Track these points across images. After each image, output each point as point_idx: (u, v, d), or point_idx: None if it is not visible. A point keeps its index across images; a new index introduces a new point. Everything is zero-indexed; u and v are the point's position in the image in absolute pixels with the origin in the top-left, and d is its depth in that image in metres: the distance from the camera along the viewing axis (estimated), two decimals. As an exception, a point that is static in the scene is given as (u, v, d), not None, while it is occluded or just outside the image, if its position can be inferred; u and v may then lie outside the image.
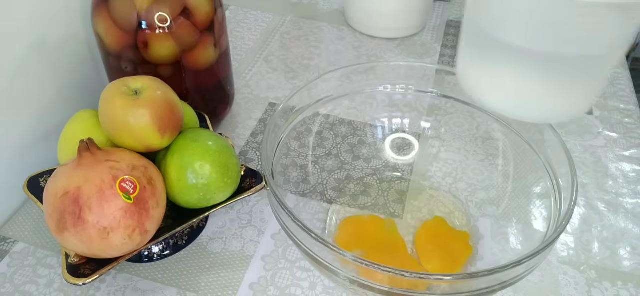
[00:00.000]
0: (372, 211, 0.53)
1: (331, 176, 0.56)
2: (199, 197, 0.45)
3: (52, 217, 0.39)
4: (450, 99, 0.56)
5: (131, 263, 0.48)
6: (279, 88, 0.69)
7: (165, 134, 0.44)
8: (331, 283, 0.47)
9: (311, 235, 0.38)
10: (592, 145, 0.62)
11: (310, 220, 0.52)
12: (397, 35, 0.79)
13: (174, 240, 0.49)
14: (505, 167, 0.55)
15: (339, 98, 0.56)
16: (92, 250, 0.39)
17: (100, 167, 0.39)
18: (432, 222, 0.52)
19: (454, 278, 0.40)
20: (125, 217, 0.39)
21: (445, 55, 0.76)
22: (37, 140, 0.54)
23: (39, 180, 0.48)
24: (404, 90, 0.57)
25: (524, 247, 0.49)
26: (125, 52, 0.51)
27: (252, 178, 0.48)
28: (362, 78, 0.56)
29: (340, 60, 0.75)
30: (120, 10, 0.49)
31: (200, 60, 0.54)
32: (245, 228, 0.52)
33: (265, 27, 0.81)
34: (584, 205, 0.55)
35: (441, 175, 0.57)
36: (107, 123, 0.43)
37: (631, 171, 0.58)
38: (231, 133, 0.62)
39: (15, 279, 0.47)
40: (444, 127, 0.58)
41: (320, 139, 0.58)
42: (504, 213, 0.52)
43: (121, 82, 0.43)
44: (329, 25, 0.82)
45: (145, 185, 0.41)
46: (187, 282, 0.47)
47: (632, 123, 0.65)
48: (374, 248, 0.49)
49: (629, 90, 0.70)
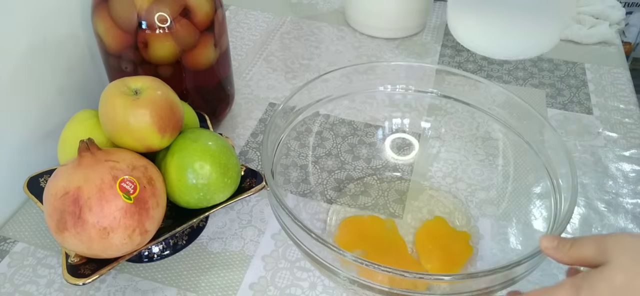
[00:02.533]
0: (372, 211, 0.53)
1: (331, 176, 0.56)
2: (199, 197, 0.45)
3: (52, 217, 0.39)
4: (450, 99, 0.56)
5: (131, 263, 0.48)
6: (279, 88, 0.69)
7: (165, 134, 0.44)
8: (331, 283, 0.47)
9: (311, 235, 0.38)
10: (592, 145, 0.62)
11: (310, 220, 0.52)
12: (397, 35, 0.79)
13: (174, 240, 0.49)
14: (505, 167, 0.55)
15: (339, 98, 0.56)
16: (92, 250, 0.39)
17: (100, 167, 0.39)
18: (432, 222, 0.52)
19: (454, 278, 0.40)
20: (125, 217, 0.39)
21: (445, 55, 0.76)
22: (37, 140, 0.54)
23: (39, 180, 0.48)
24: (404, 90, 0.57)
25: (524, 247, 0.49)
26: (125, 52, 0.51)
27: (252, 178, 0.48)
28: (362, 78, 0.56)
29: (340, 60, 0.75)
30: (120, 10, 0.49)
31: (200, 60, 0.54)
32: (245, 228, 0.52)
33: (265, 27, 0.81)
34: (584, 205, 0.55)
35: (441, 175, 0.57)
36: (107, 123, 0.43)
37: (631, 171, 0.58)
38: (231, 133, 0.62)
39: (15, 279, 0.47)
40: (444, 127, 0.58)
41: (320, 139, 0.58)
42: (504, 213, 0.52)
43: (121, 82, 0.43)
44: (329, 25, 0.82)
45: (145, 185, 0.41)
46: (187, 282, 0.47)
47: (632, 123, 0.65)
48: (374, 248, 0.49)
49: (629, 90, 0.70)
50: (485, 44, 0.69)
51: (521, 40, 0.68)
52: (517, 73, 0.72)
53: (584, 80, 0.72)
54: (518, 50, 0.69)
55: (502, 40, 0.68)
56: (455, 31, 0.71)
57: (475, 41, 0.70)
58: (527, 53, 0.70)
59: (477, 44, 0.70)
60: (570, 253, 0.34)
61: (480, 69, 0.73)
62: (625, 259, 0.31)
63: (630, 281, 0.30)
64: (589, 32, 0.78)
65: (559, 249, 0.35)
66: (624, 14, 0.81)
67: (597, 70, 0.74)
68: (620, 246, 0.32)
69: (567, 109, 0.67)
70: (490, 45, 0.69)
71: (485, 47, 0.70)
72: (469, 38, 0.70)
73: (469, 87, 0.54)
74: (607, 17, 0.80)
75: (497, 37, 0.68)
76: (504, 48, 0.69)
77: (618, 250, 0.32)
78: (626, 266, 0.31)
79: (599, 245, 0.33)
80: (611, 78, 0.72)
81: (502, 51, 0.69)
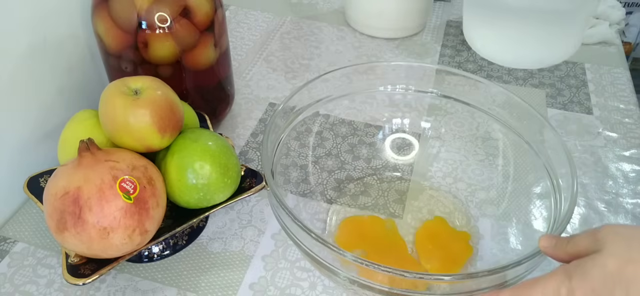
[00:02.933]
0: (372, 211, 0.53)
1: (331, 176, 0.56)
2: (199, 197, 0.45)
3: (52, 217, 0.39)
4: (450, 99, 0.56)
5: (131, 263, 0.48)
6: (279, 88, 0.69)
7: (165, 134, 0.44)
8: (331, 283, 0.47)
9: (311, 235, 0.38)
10: (592, 145, 0.62)
11: (310, 220, 0.52)
12: (397, 35, 0.79)
13: (174, 240, 0.49)
14: (505, 167, 0.55)
15: (339, 98, 0.56)
16: (92, 250, 0.39)
17: (100, 167, 0.39)
18: (432, 222, 0.52)
19: (454, 278, 0.40)
20: (125, 217, 0.39)
21: (445, 55, 0.76)
22: (37, 140, 0.54)
23: (39, 180, 0.48)
24: (404, 90, 0.57)
25: (524, 247, 0.49)
26: (125, 52, 0.51)
27: (252, 178, 0.48)
28: (362, 78, 0.56)
29: (340, 60, 0.75)
30: (120, 10, 0.49)
31: (200, 60, 0.54)
32: (245, 228, 0.52)
33: (265, 27, 0.81)
34: (584, 205, 0.55)
35: (441, 175, 0.57)
36: (107, 123, 0.43)
37: (631, 171, 0.58)
38: (231, 133, 0.62)
39: (15, 279, 0.47)
40: (444, 127, 0.58)
41: (320, 139, 0.58)
42: (504, 213, 0.52)
43: (121, 82, 0.43)
44: (329, 25, 0.82)
45: (145, 185, 0.41)
46: (187, 282, 0.47)
47: (632, 123, 0.65)
48: (374, 248, 0.49)
49: (629, 90, 0.70)
50: (502, 55, 0.71)
51: (538, 50, 0.69)
52: (517, 73, 0.72)
53: (584, 80, 0.72)
54: (535, 59, 0.71)
55: (518, 51, 0.70)
56: (472, 42, 0.73)
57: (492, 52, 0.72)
58: (545, 62, 0.71)
59: (495, 55, 0.72)
60: (568, 250, 0.35)
61: (480, 69, 0.73)
62: (618, 246, 0.32)
63: (623, 267, 0.31)
64: (589, 32, 0.78)
65: (557, 247, 0.35)
66: (624, 14, 0.81)
67: (597, 70, 0.73)
68: (613, 235, 0.32)
69: (567, 109, 0.67)
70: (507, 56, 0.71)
71: (502, 57, 0.72)
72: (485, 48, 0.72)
73: (469, 87, 0.54)
74: (607, 17, 0.80)
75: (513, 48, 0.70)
76: (522, 57, 0.71)
77: (611, 238, 0.32)
78: (618, 253, 0.31)
79: (593, 236, 0.33)
80: (611, 78, 0.72)
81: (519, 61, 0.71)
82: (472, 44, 0.73)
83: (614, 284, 0.31)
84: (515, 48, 0.69)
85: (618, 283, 0.30)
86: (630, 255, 0.31)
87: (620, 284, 0.30)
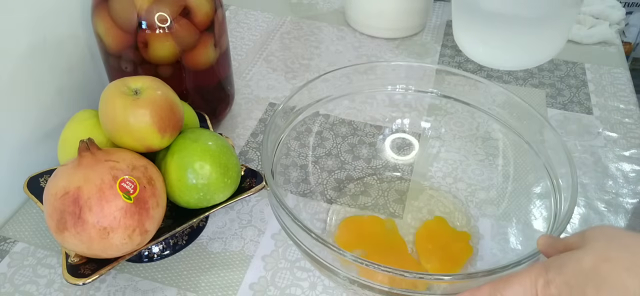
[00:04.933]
0: (372, 211, 0.53)
1: (331, 176, 0.56)
2: (199, 197, 0.45)
3: (52, 217, 0.39)
4: (450, 99, 0.56)
5: (131, 263, 0.48)
6: (279, 88, 0.69)
7: (165, 134, 0.44)
8: (331, 283, 0.47)
9: (311, 235, 0.38)
10: (592, 145, 0.62)
11: (310, 220, 0.52)
12: (397, 35, 0.79)
13: (174, 240, 0.49)
14: (505, 167, 0.55)
15: (339, 98, 0.56)
16: (92, 250, 0.39)
17: (100, 167, 0.39)
18: (432, 222, 0.52)
19: (454, 278, 0.40)
20: (125, 217, 0.39)
21: (445, 55, 0.76)
22: (37, 140, 0.54)
23: (39, 180, 0.48)
24: (404, 90, 0.57)
25: (524, 247, 0.49)
26: (125, 52, 0.51)
27: (252, 178, 0.48)
28: (362, 78, 0.56)
29: (340, 60, 0.75)
30: (120, 10, 0.49)
31: (200, 60, 0.54)
32: (245, 228, 0.52)
33: (265, 27, 0.81)
34: (584, 205, 0.55)
35: (441, 175, 0.57)
36: (107, 123, 0.43)
37: (631, 171, 0.58)
38: (231, 133, 0.62)
39: (15, 279, 0.47)
40: (444, 127, 0.58)
41: (320, 139, 0.58)
42: (504, 213, 0.52)
43: (121, 82, 0.43)
44: (329, 25, 0.82)
45: (145, 185, 0.41)
46: (187, 282, 0.47)
47: (632, 123, 0.65)
48: (374, 248, 0.49)
49: (629, 90, 0.70)
50: (489, 57, 0.72)
51: (524, 52, 0.70)
52: (517, 73, 0.72)
53: (584, 80, 0.72)
54: (522, 61, 0.72)
55: (506, 52, 0.71)
56: (461, 43, 0.74)
57: (480, 54, 0.73)
58: (531, 63, 0.72)
59: (482, 57, 0.73)
60: (559, 248, 0.35)
61: (480, 69, 0.73)
62: (598, 245, 0.32)
63: (598, 265, 0.31)
64: (589, 32, 0.78)
65: (554, 247, 0.35)
66: (624, 14, 0.81)
67: (597, 70, 0.74)
68: (599, 234, 0.33)
69: (567, 109, 0.67)
70: (494, 58, 0.72)
71: (490, 59, 0.73)
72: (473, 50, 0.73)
73: (469, 87, 0.54)
74: (607, 17, 0.80)
75: (501, 49, 0.70)
76: (508, 59, 0.72)
77: (595, 237, 0.32)
78: (597, 251, 0.31)
79: (582, 234, 0.34)
80: (611, 78, 0.72)
81: (506, 62, 0.72)
82: (462, 48, 0.74)
83: (587, 280, 0.31)
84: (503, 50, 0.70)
85: (591, 279, 0.30)
86: (608, 254, 0.31)
87: (593, 281, 0.30)
